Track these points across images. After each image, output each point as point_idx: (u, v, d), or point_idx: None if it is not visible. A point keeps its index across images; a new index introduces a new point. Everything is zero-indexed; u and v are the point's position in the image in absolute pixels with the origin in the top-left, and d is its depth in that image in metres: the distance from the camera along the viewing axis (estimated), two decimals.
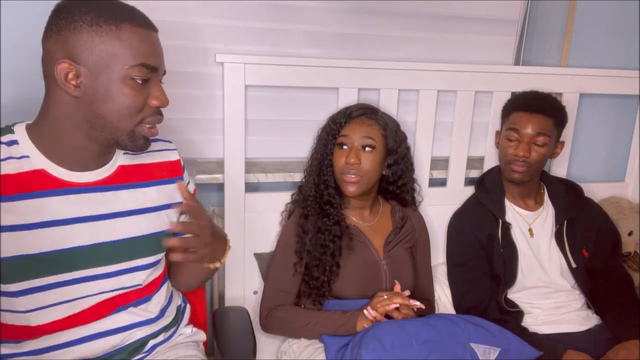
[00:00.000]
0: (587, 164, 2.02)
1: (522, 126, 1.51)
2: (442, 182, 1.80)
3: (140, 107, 0.94)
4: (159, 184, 1.08)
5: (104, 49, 0.88)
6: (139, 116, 0.94)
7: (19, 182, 0.90)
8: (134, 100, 0.92)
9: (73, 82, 0.89)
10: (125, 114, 0.92)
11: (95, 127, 0.92)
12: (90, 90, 0.89)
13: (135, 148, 0.97)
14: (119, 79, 0.90)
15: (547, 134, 1.50)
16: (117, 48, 0.89)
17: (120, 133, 0.94)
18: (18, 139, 0.93)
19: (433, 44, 1.82)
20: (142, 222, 1.04)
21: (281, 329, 1.39)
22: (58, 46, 0.88)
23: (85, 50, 0.88)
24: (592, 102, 1.95)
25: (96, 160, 0.98)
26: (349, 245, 1.39)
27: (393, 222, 1.48)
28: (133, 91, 0.91)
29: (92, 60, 0.88)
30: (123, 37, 0.89)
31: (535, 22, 1.92)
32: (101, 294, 1.00)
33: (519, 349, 1.25)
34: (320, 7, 1.67)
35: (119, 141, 0.95)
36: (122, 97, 0.91)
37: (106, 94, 0.90)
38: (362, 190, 1.38)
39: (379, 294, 1.31)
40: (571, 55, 1.88)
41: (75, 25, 0.87)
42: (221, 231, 1.10)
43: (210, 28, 1.60)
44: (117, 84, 0.90)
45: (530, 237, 1.57)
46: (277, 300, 1.40)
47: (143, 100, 0.94)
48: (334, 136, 1.40)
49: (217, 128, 1.64)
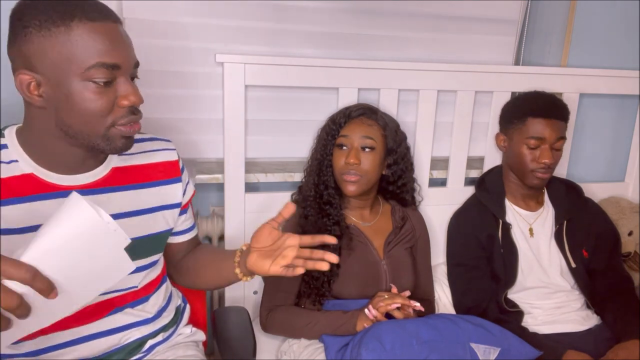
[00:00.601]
0: (587, 164, 2.02)
1: (544, 133, 1.49)
2: (442, 182, 1.80)
3: (108, 110, 0.87)
4: (155, 185, 1.07)
5: (57, 53, 0.82)
6: (108, 119, 0.88)
7: (8, 187, 0.89)
8: (98, 104, 0.85)
9: (35, 92, 0.84)
10: (91, 120, 0.86)
11: (69, 134, 0.88)
12: (53, 99, 0.85)
13: (115, 150, 0.92)
14: (79, 84, 0.83)
15: (564, 137, 1.52)
16: (69, 50, 0.82)
17: (93, 139, 0.88)
18: (7, 143, 0.92)
19: (433, 44, 1.82)
20: (137, 224, 1.02)
21: (281, 329, 1.39)
22: (15, 55, 0.84)
23: (39, 57, 0.82)
24: (592, 102, 1.95)
25: (86, 163, 0.96)
26: (349, 245, 1.39)
27: (393, 222, 1.48)
28: (95, 95, 0.85)
29: (48, 67, 0.82)
30: (74, 37, 0.82)
31: (535, 22, 1.92)
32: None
33: (519, 349, 1.25)
34: (320, 7, 1.67)
35: (96, 146, 0.90)
36: (85, 102, 0.84)
37: (68, 101, 0.84)
38: (362, 190, 1.38)
39: (380, 294, 1.31)
40: (571, 55, 1.88)
41: (26, 32, 0.82)
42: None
43: (210, 28, 1.60)
44: (77, 90, 0.84)
45: (531, 237, 1.57)
46: (277, 300, 1.40)
47: (109, 102, 0.87)
48: (333, 136, 1.40)
49: (217, 128, 1.64)
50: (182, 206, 1.12)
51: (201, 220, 1.64)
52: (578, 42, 1.88)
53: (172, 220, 1.10)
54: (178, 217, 1.13)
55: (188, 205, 1.16)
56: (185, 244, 1.20)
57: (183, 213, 1.14)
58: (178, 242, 1.18)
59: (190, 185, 1.17)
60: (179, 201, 1.11)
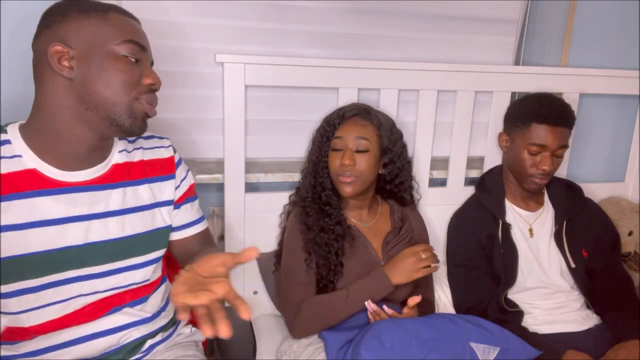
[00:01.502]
0: (587, 164, 2.02)
1: (546, 141, 1.47)
2: (442, 182, 1.80)
3: (135, 83, 0.95)
4: (152, 182, 1.08)
5: (93, 30, 0.91)
6: (134, 91, 0.95)
7: (10, 182, 0.90)
8: (127, 75, 0.94)
9: (66, 63, 0.90)
10: (120, 90, 0.93)
11: (91, 107, 0.92)
12: (83, 69, 0.91)
13: (134, 126, 0.96)
14: (111, 55, 0.92)
15: (567, 145, 1.51)
16: (105, 28, 0.92)
17: (117, 109, 0.94)
18: (10, 139, 0.93)
19: (433, 44, 1.82)
20: (136, 221, 1.03)
21: (312, 326, 1.33)
22: (48, 37, 0.91)
23: (75, 33, 0.91)
24: (592, 102, 1.95)
25: (91, 157, 0.98)
26: (351, 244, 1.39)
27: (392, 222, 1.48)
28: (126, 67, 0.93)
29: (83, 40, 0.91)
30: (110, 19, 0.93)
31: (535, 22, 1.92)
32: (95, 294, 1.00)
33: (518, 348, 1.24)
34: (320, 7, 1.67)
35: (117, 119, 0.94)
36: (116, 71, 0.92)
37: (99, 70, 0.92)
38: (358, 191, 1.38)
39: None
40: (571, 55, 1.88)
41: (64, 16, 0.91)
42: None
43: (210, 28, 1.60)
44: (110, 60, 0.92)
45: (530, 238, 1.57)
46: (300, 294, 1.34)
47: (137, 77, 0.95)
48: (328, 138, 1.40)
49: (217, 128, 1.64)
50: (174, 201, 1.12)
51: None
52: (578, 42, 1.88)
53: (168, 217, 1.11)
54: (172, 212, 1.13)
55: (184, 199, 1.16)
56: (192, 239, 1.17)
57: (177, 208, 1.14)
58: (182, 237, 1.17)
59: (187, 180, 1.17)
60: (171, 198, 1.11)
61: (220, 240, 1.66)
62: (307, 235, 1.37)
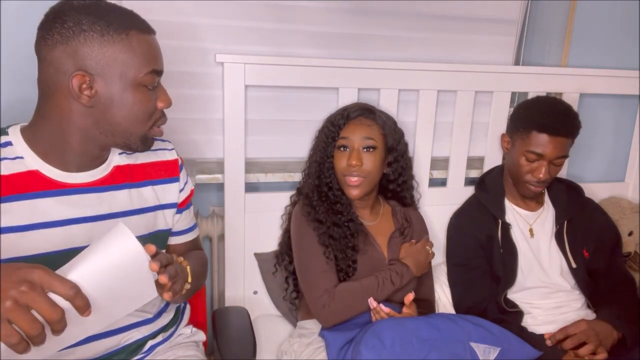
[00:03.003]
0: (587, 164, 2.02)
1: (544, 150, 1.45)
2: (442, 182, 1.80)
3: (152, 110, 0.96)
4: (155, 184, 1.08)
5: (117, 58, 0.89)
6: (151, 120, 0.97)
7: (12, 183, 0.90)
8: (146, 105, 0.94)
9: (87, 92, 0.89)
10: (139, 120, 0.94)
11: (106, 133, 0.93)
12: (104, 98, 0.90)
13: (145, 148, 1.00)
14: (132, 86, 0.91)
15: (566, 155, 1.49)
16: (129, 56, 0.90)
17: (134, 138, 0.96)
18: (12, 141, 0.93)
19: (433, 44, 1.82)
20: (139, 223, 1.03)
21: (345, 311, 1.30)
22: (67, 57, 0.87)
23: (97, 60, 0.88)
24: (592, 102, 1.95)
25: (92, 162, 0.98)
26: (364, 241, 1.39)
27: (395, 222, 1.48)
28: (146, 96, 0.94)
29: (106, 69, 0.89)
30: (133, 45, 0.90)
31: (535, 22, 1.92)
32: None
33: (518, 348, 1.25)
34: (320, 7, 1.67)
35: (131, 145, 0.97)
36: (136, 101, 0.92)
37: (121, 101, 0.91)
38: (365, 192, 1.38)
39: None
40: (571, 55, 1.88)
41: (86, 36, 0.87)
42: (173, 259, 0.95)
43: (210, 28, 1.60)
44: (131, 91, 0.92)
45: (531, 238, 1.57)
46: (325, 282, 1.31)
47: (153, 103, 0.96)
48: (333, 138, 1.40)
49: (217, 128, 1.64)
50: (178, 205, 1.13)
51: (201, 220, 1.64)
52: (578, 42, 1.88)
53: (170, 220, 1.11)
54: (174, 216, 1.13)
55: (185, 205, 1.16)
56: (182, 247, 1.19)
57: (179, 212, 1.14)
58: (175, 243, 1.18)
59: (189, 185, 1.18)
60: (175, 201, 1.12)
61: (220, 240, 1.66)
62: (320, 229, 1.36)
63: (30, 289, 0.64)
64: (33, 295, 0.64)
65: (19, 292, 0.64)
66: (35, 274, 0.66)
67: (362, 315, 1.32)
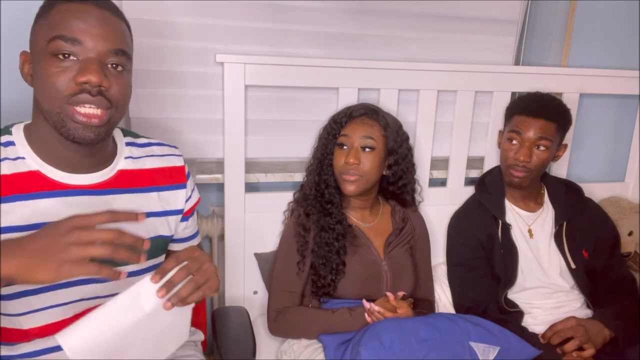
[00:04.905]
0: (587, 164, 2.02)
1: (523, 130, 1.49)
2: (442, 182, 1.80)
3: (66, 85, 0.85)
4: (160, 190, 1.06)
5: (38, 32, 0.88)
6: (61, 95, 0.85)
7: (13, 184, 0.89)
8: (56, 79, 0.84)
9: (30, 73, 0.90)
10: (51, 96, 0.85)
11: (45, 116, 0.89)
12: (35, 78, 0.89)
13: (72, 136, 0.87)
14: (43, 58, 0.85)
15: (549, 138, 1.48)
16: (44, 28, 0.87)
17: (53, 118, 0.87)
18: (15, 140, 0.92)
19: (433, 44, 1.82)
20: (140, 228, 1.01)
21: (290, 331, 1.39)
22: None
23: (32, 39, 0.90)
24: (592, 102, 1.95)
25: (90, 163, 0.96)
26: (352, 243, 1.39)
27: (393, 223, 1.48)
28: (55, 68, 0.84)
29: (32, 46, 0.89)
30: (51, 16, 0.87)
31: (535, 22, 1.92)
32: (96, 298, 0.98)
33: (518, 348, 1.25)
34: (320, 7, 1.67)
35: (58, 129, 0.87)
36: (46, 76, 0.85)
37: (38, 78, 0.87)
38: (362, 190, 1.38)
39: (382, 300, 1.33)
40: (571, 55, 1.88)
41: (35, 19, 0.90)
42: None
43: (210, 28, 1.60)
44: (43, 64, 0.85)
45: (530, 238, 1.57)
46: (283, 301, 1.39)
47: (68, 77, 0.85)
48: (334, 136, 1.41)
49: (217, 128, 1.64)
50: (183, 213, 1.11)
51: (201, 220, 1.64)
52: (578, 42, 1.88)
53: (174, 226, 1.10)
54: (179, 223, 1.12)
55: (190, 212, 1.15)
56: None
57: (184, 220, 1.13)
58: (175, 249, 1.17)
59: (195, 193, 1.16)
60: (181, 208, 1.10)
61: (220, 240, 1.66)
62: (304, 237, 1.38)
63: (81, 231, 0.71)
64: (87, 233, 0.71)
65: (75, 238, 0.70)
66: (73, 220, 0.72)
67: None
